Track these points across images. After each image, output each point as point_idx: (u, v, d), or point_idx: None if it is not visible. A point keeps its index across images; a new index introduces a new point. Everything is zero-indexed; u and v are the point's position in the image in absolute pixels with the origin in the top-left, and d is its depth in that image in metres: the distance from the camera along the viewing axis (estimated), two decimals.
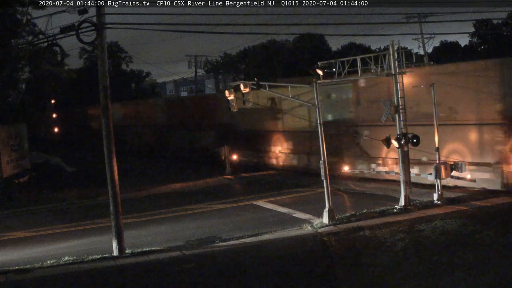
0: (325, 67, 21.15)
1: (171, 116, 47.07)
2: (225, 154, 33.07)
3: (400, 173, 20.46)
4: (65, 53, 20.56)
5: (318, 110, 19.47)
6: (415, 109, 23.22)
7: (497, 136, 21.91)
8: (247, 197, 25.00)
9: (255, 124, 35.19)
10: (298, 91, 24.62)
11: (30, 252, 17.66)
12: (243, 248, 16.60)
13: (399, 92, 20.51)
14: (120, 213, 16.97)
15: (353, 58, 21.95)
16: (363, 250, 15.41)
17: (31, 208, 25.61)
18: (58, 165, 42.44)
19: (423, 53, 49.16)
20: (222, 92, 31.43)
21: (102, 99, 16.90)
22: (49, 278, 14.70)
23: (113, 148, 16.92)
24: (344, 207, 20.96)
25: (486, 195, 21.16)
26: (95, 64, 18.16)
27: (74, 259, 16.03)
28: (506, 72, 21.80)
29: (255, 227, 18.91)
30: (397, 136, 20.27)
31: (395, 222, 18.13)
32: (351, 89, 27.96)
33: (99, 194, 26.85)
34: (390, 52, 20.58)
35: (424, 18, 48.24)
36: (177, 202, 25.13)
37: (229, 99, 22.76)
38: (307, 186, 26.31)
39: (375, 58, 21.55)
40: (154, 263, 15.59)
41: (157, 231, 19.72)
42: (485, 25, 60.50)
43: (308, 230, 18.17)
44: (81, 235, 19.71)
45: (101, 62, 16.88)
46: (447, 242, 15.56)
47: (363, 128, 27.47)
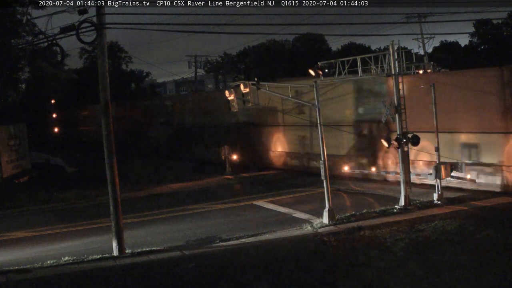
0: (325, 67, 21.18)
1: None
2: (225, 154, 33.05)
3: (400, 173, 20.47)
4: (65, 53, 20.59)
5: (318, 110, 19.48)
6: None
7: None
8: (247, 197, 25.00)
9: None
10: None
11: (30, 252, 17.65)
12: (243, 248, 16.60)
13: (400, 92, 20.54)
14: (120, 213, 16.96)
15: (353, 58, 21.96)
16: (363, 250, 15.41)
17: (31, 208, 25.59)
18: (58, 165, 42.42)
19: (423, 53, 49.17)
20: (222, 92, 31.44)
21: (102, 99, 16.89)
22: (49, 278, 14.69)
23: (113, 148, 16.91)
24: (344, 207, 20.96)
25: (486, 195, 21.17)
26: (95, 64, 18.15)
27: (74, 259, 16.02)
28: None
29: (255, 227, 18.91)
30: (397, 136, 20.28)
31: (395, 222, 18.14)
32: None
33: (99, 194, 26.82)
34: (390, 52, 20.59)
35: (424, 18, 48.28)
36: (177, 202, 25.13)
37: (229, 99, 22.76)
38: (308, 186, 26.34)
39: (375, 58, 21.56)
40: (154, 263, 15.59)
41: (157, 231, 19.71)
42: (485, 25, 60.48)
43: (308, 230, 18.17)
44: (81, 235, 19.70)
45: (101, 62, 16.88)
46: (447, 242, 15.56)
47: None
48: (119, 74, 68.13)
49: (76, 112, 66.28)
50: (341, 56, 26.64)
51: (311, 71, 20.72)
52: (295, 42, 69.21)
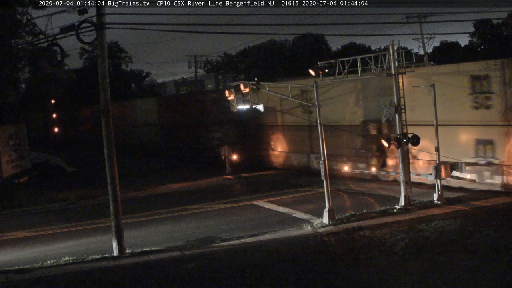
0: (325, 67, 21.17)
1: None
2: (225, 154, 33.06)
3: (400, 173, 20.47)
4: (65, 53, 20.58)
5: (318, 110, 19.47)
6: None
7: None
8: (247, 197, 25.00)
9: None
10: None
11: (30, 252, 17.65)
12: (243, 248, 16.60)
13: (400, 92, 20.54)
14: (120, 213, 16.96)
15: (353, 58, 21.97)
16: (363, 250, 15.41)
17: (31, 208, 25.60)
18: (58, 165, 42.51)
19: (423, 53, 49.13)
20: (222, 92, 31.41)
21: (102, 99, 16.90)
22: (49, 278, 14.69)
23: (113, 148, 16.92)
24: (344, 207, 20.96)
25: (486, 195, 21.17)
26: (95, 64, 18.16)
27: (74, 259, 16.02)
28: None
29: (255, 227, 18.91)
30: (397, 136, 20.28)
31: (395, 222, 18.13)
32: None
33: (99, 194, 26.85)
34: (390, 52, 20.59)
35: (424, 18, 48.19)
36: (177, 202, 25.13)
37: (229, 99, 22.73)
38: (308, 186, 26.34)
39: (375, 58, 21.56)
40: (154, 263, 15.59)
41: (157, 231, 19.72)
42: (485, 25, 60.46)
43: (308, 230, 18.17)
44: (81, 235, 19.70)
45: (101, 62, 16.88)
46: (447, 242, 15.56)
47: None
48: (119, 74, 68.14)
49: (76, 112, 66.29)
50: (341, 56, 26.65)
51: (311, 71, 20.72)
52: (295, 42, 69.20)
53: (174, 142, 45.41)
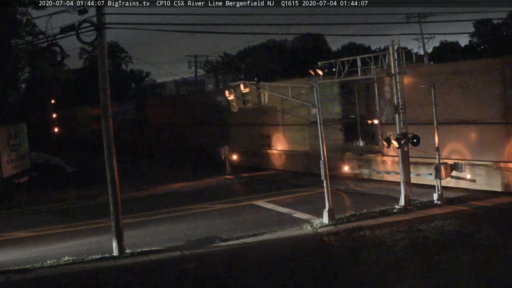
0: (325, 67, 21.17)
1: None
2: (225, 154, 33.03)
3: (400, 173, 20.46)
4: (65, 53, 20.56)
5: (318, 110, 19.48)
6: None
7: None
8: (247, 197, 24.99)
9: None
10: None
11: (30, 252, 17.64)
12: (243, 248, 16.60)
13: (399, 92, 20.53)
14: (120, 213, 16.97)
15: (353, 58, 21.96)
16: (363, 250, 15.41)
17: (31, 208, 25.60)
18: (58, 165, 42.46)
19: (423, 53, 49.12)
20: (222, 91, 31.41)
21: (102, 99, 16.89)
22: (49, 278, 14.70)
23: (113, 148, 16.92)
24: (344, 207, 20.95)
25: (486, 195, 21.17)
26: (95, 64, 18.15)
27: (74, 259, 16.02)
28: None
29: (255, 227, 18.90)
30: (397, 136, 20.27)
31: (395, 222, 18.13)
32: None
33: (99, 194, 26.83)
34: (390, 52, 20.59)
35: (424, 18, 48.15)
36: (177, 202, 25.13)
37: (229, 99, 22.76)
38: (308, 186, 26.34)
39: (375, 58, 21.55)
40: (154, 263, 15.59)
41: (157, 231, 19.71)
42: (485, 25, 60.49)
43: (308, 230, 18.16)
44: (81, 235, 19.70)
45: (101, 62, 16.88)
46: (447, 242, 15.56)
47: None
48: (119, 74, 68.11)
49: (76, 112, 66.26)
50: (341, 56, 26.64)
51: (311, 71, 20.72)
52: (295, 42, 69.15)
53: (173, 141, 45.43)
